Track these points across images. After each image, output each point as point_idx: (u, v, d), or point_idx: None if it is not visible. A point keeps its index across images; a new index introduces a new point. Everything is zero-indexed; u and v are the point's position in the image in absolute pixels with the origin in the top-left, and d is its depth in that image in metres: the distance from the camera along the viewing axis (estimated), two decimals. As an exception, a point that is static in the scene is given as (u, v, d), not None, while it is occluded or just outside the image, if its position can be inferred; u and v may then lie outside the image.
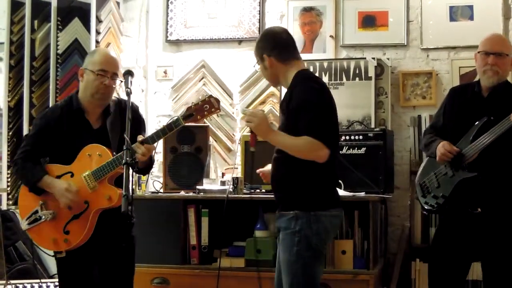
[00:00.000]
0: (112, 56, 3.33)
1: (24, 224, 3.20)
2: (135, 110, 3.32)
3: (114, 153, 3.10)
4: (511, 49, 3.42)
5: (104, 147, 3.12)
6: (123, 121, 3.14)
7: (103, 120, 3.23)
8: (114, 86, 3.22)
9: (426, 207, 3.56)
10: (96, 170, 3.09)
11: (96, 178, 3.09)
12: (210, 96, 3.14)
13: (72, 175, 3.15)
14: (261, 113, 2.99)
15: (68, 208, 3.11)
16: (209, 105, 3.09)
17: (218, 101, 3.12)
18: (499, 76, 3.37)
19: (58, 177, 3.15)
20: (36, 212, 3.17)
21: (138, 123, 3.27)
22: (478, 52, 3.44)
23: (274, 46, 3.08)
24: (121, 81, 3.24)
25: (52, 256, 3.24)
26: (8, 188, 4.58)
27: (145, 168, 3.29)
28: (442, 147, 3.38)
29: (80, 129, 3.20)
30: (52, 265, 4.61)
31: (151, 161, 3.29)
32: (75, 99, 3.24)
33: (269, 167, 3.20)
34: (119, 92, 4.78)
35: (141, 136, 3.10)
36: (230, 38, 5.08)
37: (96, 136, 3.18)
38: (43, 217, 3.14)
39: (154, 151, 3.24)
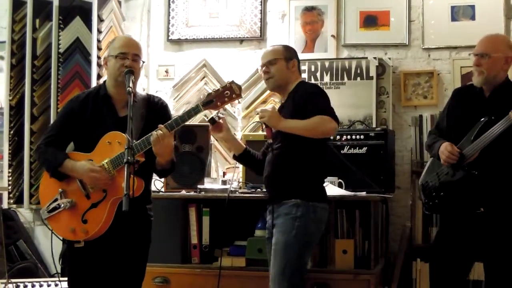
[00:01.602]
0: (131, 39, 3.32)
1: (44, 213, 3.19)
2: (164, 108, 3.32)
3: (135, 141, 3.00)
4: (498, 49, 3.40)
5: (124, 135, 3.01)
6: (148, 115, 3.16)
7: None
8: (137, 67, 3.17)
9: (427, 207, 3.56)
10: (115, 158, 3.05)
11: (114, 166, 3.05)
12: (232, 81, 3.09)
13: None
14: (270, 107, 3.36)
15: (86, 197, 3.10)
16: (230, 91, 3.05)
17: (239, 87, 3.08)
18: (484, 76, 3.38)
19: None
20: (56, 200, 3.15)
21: (167, 120, 3.14)
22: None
23: (297, 58, 3.55)
24: (143, 62, 3.23)
25: (71, 246, 3.18)
26: (9, 187, 4.59)
27: (163, 170, 3.22)
28: (445, 150, 3.38)
29: (106, 115, 3.17)
30: (52, 264, 4.61)
31: (172, 164, 3.22)
32: (103, 87, 3.25)
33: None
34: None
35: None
36: (232, 38, 5.08)
37: (120, 124, 3.10)
38: (62, 205, 3.12)
39: (173, 156, 3.17)
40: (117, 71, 3.14)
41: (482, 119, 3.33)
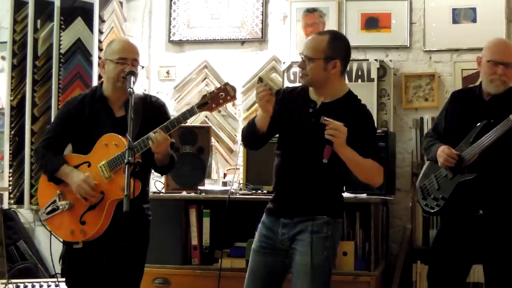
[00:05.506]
0: (130, 42, 3.30)
1: (42, 214, 3.20)
2: (161, 107, 3.30)
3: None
4: None
5: (121, 137, 3.04)
6: (145, 114, 3.14)
7: (126, 110, 3.15)
8: (136, 72, 3.17)
9: (426, 210, 3.56)
10: (112, 160, 3.05)
11: (111, 168, 3.05)
12: (227, 83, 3.06)
13: (89, 165, 3.12)
14: (344, 128, 2.87)
15: (84, 198, 3.09)
16: (224, 93, 3.02)
17: (234, 89, 3.05)
18: (506, 85, 3.37)
19: (76, 167, 3.13)
20: (54, 202, 3.16)
21: (164, 120, 3.11)
22: (488, 60, 3.36)
23: (345, 56, 3.06)
24: (142, 67, 3.24)
25: (69, 246, 3.18)
26: (10, 187, 4.59)
27: (163, 166, 3.22)
28: (442, 153, 3.37)
29: (102, 115, 3.18)
30: (53, 264, 4.62)
31: (172, 159, 3.22)
32: (99, 88, 3.25)
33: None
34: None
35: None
36: (233, 39, 5.08)
37: (117, 124, 3.12)
38: (60, 207, 3.13)
39: (171, 149, 3.18)
40: (116, 76, 3.15)
41: (478, 124, 3.33)
